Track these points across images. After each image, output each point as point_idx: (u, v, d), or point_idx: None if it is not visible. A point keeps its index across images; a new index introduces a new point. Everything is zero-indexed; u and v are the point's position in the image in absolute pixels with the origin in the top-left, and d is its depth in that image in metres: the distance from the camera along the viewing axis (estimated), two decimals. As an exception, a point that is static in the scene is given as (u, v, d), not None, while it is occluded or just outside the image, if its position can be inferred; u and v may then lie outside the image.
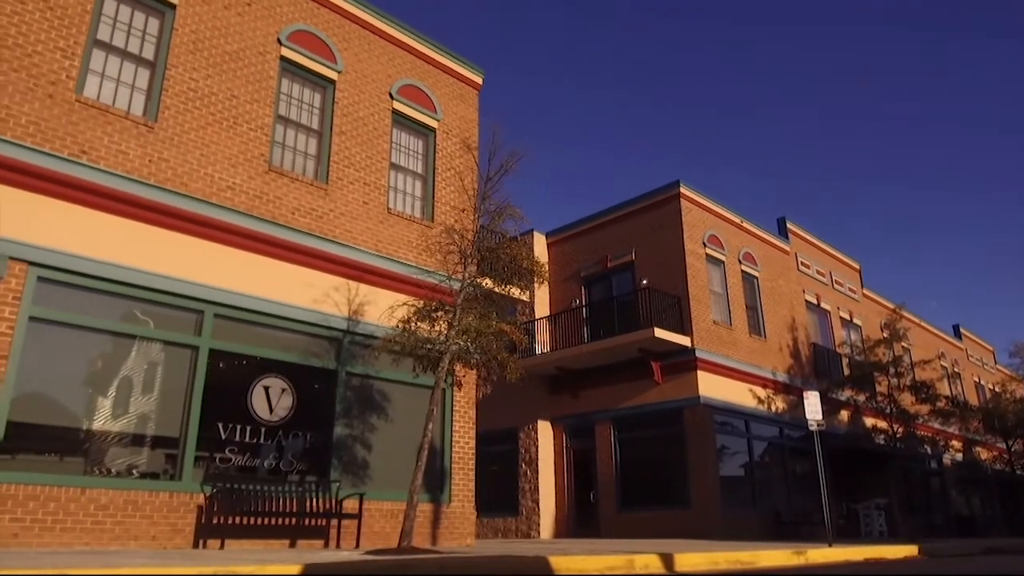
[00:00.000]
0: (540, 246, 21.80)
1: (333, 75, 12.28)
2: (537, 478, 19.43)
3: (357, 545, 10.09)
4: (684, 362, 17.94)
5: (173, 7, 10.51)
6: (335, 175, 11.81)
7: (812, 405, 13.00)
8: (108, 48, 9.86)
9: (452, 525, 11.70)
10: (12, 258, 8.26)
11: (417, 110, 13.43)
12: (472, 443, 12.50)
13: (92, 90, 9.56)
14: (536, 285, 11.94)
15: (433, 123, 13.65)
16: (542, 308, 21.08)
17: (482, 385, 19.24)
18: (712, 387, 18.03)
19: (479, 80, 14.83)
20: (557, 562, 7.14)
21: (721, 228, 20.56)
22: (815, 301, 23.98)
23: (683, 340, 17.75)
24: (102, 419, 8.95)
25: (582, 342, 19.12)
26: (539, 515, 19.11)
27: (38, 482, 8.09)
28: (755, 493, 18.75)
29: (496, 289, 10.65)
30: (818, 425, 12.90)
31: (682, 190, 19.47)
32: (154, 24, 10.39)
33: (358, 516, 10.19)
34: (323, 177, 11.72)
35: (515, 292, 11.57)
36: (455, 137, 13.84)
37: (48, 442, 8.58)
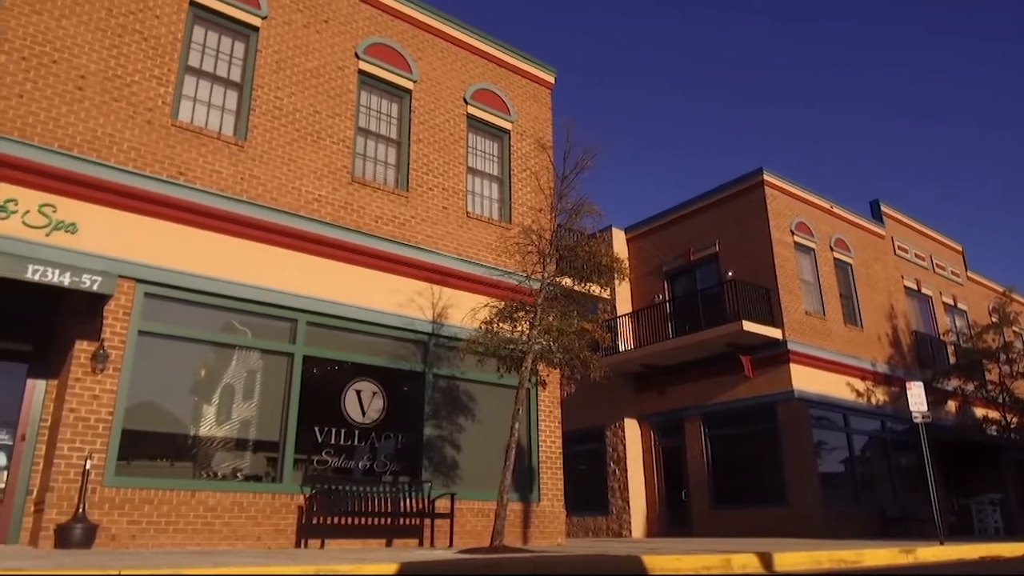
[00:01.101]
0: (619, 242, 21.58)
1: (409, 84, 12.54)
2: (626, 476, 19.23)
3: (450, 544, 10.27)
4: (776, 355, 17.36)
5: (256, 29, 10.99)
6: (415, 182, 12.07)
7: (916, 396, 12.34)
8: (199, 73, 10.41)
9: (542, 524, 11.74)
10: (121, 276, 8.83)
11: (491, 113, 13.55)
12: (559, 442, 12.50)
13: (186, 114, 10.12)
14: (616, 282, 11.83)
15: (507, 125, 13.74)
16: (624, 305, 20.85)
17: (566, 384, 19.24)
18: (807, 380, 17.37)
19: (551, 79, 14.82)
20: (651, 561, 7.04)
21: (810, 215, 19.79)
22: (915, 287, 22.74)
23: (773, 333, 17.18)
24: (207, 425, 9.46)
25: (667, 338, 18.79)
26: (630, 514, 18.91)
27: (152, 486, 8.62)
28: (857, 490, 17.94)
29: (576, 287, 10.61)
30: (923, 417, 12.24)
31: (766, 177, 18.86)
32: (240, 47, 10.89)
33: (450, 515, 10.36)
34: (403, 185, 12.00)
35: (595, 290, 11.49)
36: (529, 137, 13.88)
37: (159, 448, 9.13)
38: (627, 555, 7.46)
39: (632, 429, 19.84)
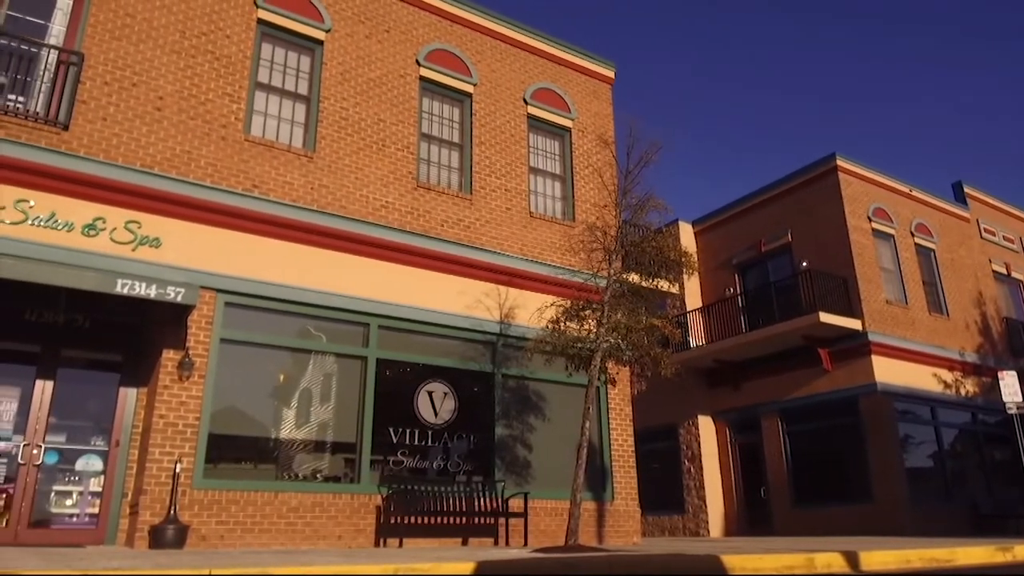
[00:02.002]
0: (687, 236, 21.21)
1: (469, 88, 12.66)
2: (702, 475, 18.88)
3: (525, 543, 10.30)
4: (856, 347, 16.72)
5: (321, 43, 11.30)
6: (478, 185, 12.17)
7: (1009, 386, 11.71)
8: (268, 88, 10.78)
9: (617, 523, 11.65)
10: (203, 287, 9.22)
11: (551, 112, 13.54)
12: (631, 440, 12.38)
13: (258, 129, 10.49)
14: (685, 276, 11.61)
15: (568, 123, 13.70)
16: (693, 300, 20.47)
17: (637, 382, 19.01)
18: (889, 372, 16.66)
19: (611, 74, 14.70)
20: (730, 561, 6.89)
21: (887, 199, 18.98)
22: (1004, 271, 21.51)
23: (852, 324, 16.56)
24: (287, 428, 9.79)
25: (740, 332, 18.34)
26: (707, 513, 18.55)
27: (237, 488, 8.96)
28: (947, 485, 17.09)
29: (643, 284, 10.48)
30: (1018, 408, 11.59)
31: (839, 163, 18.20)
32: (305, 61, 11.22)
33: (524, 515, 10.40)
34: (467, 188, 12.12)
35: (663, 285, 11.34)
36: (591, 134, 13.80)
37: (243, 451, 9.49)
38: (705, 554, 7.33)
39: (706, 426, 19.46)
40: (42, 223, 8.49)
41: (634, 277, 10.45)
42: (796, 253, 18.61)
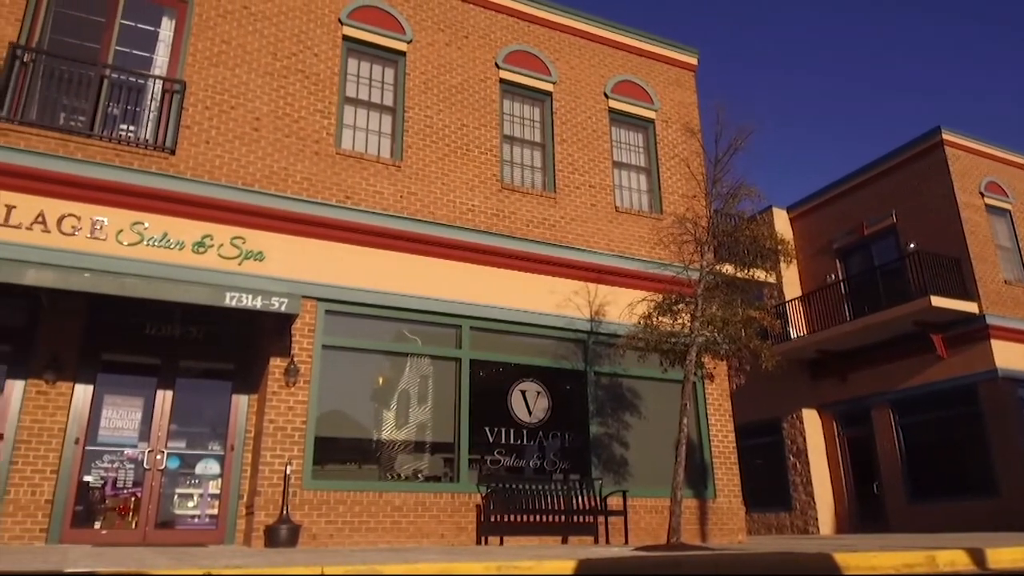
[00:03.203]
0: (782, 222, 20.43)
1: (549, 87, 12.67)
2: (808, 470, 18.14)
3: (626, 542, 10.21)
4: (972, 331, 15.66)
5: (403, 54, 11.59)
6: (561, 183, 12.16)
7: None
8: (356, 102, 11.14)
9: (720, 521, 11.36)
10: (304, 296, 9.63)
11: (633, 104, 13.36)
12: (731, 436, 12.05)
13: (348, 142, 10.86)
14: (783, 265, 11.21)
15: (651, 114, 13.48)
16: (792, 288, 19.70)
17: (735, 376, 18.52)
18: (1012, 357, 15.49)
19: (694, 61, 14.36)
20: (844, 559, 6.59)
21: (1001, 172, 17.67)
22: None
23: (968, 307, 15.51)
24: (388, 430, 10.09)
25: (844, 321, 17.51)
26: (815, 509, 17.81)
27: (344, 488, 9.31)
28: (1087, 478, 15.72)
29: (738, 274, 10.18)
30: None
31: (945, 136, 17.09)
32: (389, 73, 11.53)
33: (623, 513, 10.30)
34: (551, 187, 12.12)
35: (760, 275, 10.94)
36: (675, 124, 13.53)
37: (347, 453, 9.84)
38: (817, 552, 7.04)
39: (811, 419, 18.69)
40: (156, 243, 9.09)
41: (728, 268, 10.16)
42: (902, 234, 17.61)
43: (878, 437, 17.29)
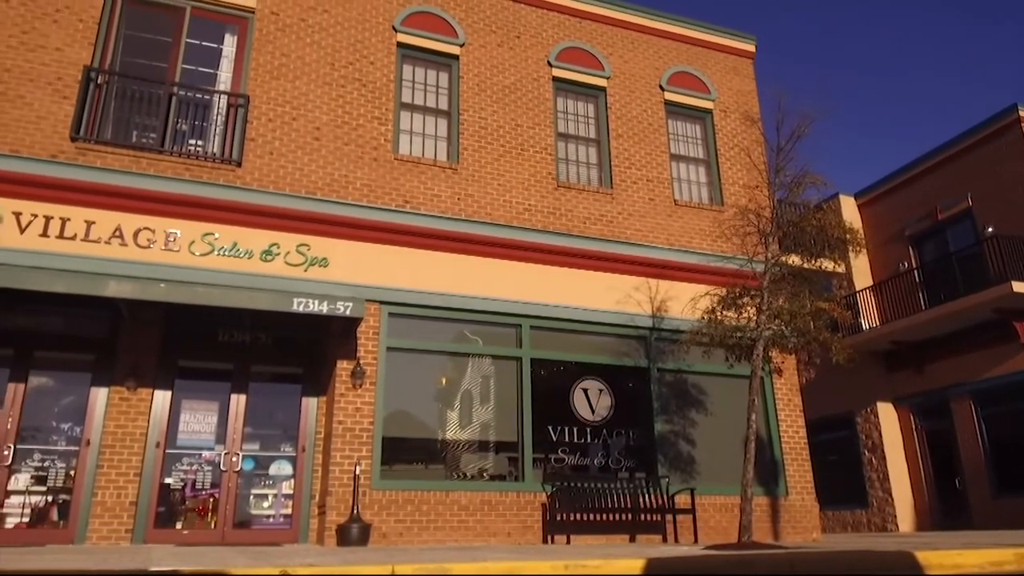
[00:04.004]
0: (849, 210, 19.74)
1: (602, 82, 12.57)
2: (885, 465, 17.48)
3: (695, 540, 10.05)
4: (1059, 317, 14.80)
5: (456, 58, 11.68)
6: (618, 178, 12.05)
7: None
8: (411, 108, 11.29)
9: (793, 519, 11.07)
10: (368, 300, 9.82)
11: (689, 95, 13.14)
12: (802, 431, 11.72)
13: (405, 147, 11.02)
14: (852, 254, 10.84)
15: (708, 104, 13.23)
16: (862, 278, 19.03)
17: (805, 370, 17.99)
18: (1105, 344, 14.60)
19: (751, 48, 14.04)
20: (926, 557, 6.32)
21: (1088, 148, 16.64)
22: None
23: (1053, 291, 14.67)
24: (452, 429, 10.19)
25: (918, 310, 16.80)
26: (893, 506, 17.15)
27: (411, 488, 9.45)
28: None
29: (805, 265, 9.90)
30: None
31: (1022, 113, 16.22)
32: (444, 77, 11.65)
33: (691, 511, 10.14)
34: (607, 183, 12.03)
35: (828, 265, 10.63)
36: (734, 113, 13.24)
37: (414, 453, 9.99)
38: (897, 551, 6.78)
39: (887, 413, 18.01)
40: (226, 253, 9.41)
41: (794, 259, 9.89)
42: (979, 218, 16.80)
43: (959, 430, 16.53)
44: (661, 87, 12.98)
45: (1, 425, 8.88)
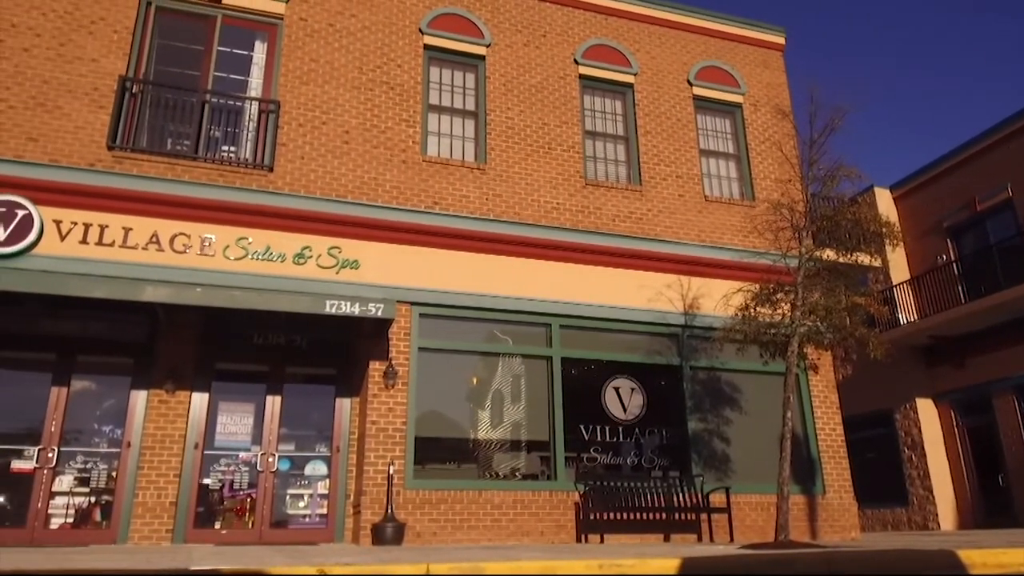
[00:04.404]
0: (885, 202, 19.34)
1: (630, 79, 12.50)
2: (926, 463, 17.11)
3: (731, 539, 9.94)
4: (1108, 309, 14.36)
5: (483, 58, 11.71)
6: (647, 175, 11.97)
7: None
8: (439, 109, 11.34)
9: (831, 517, 10.89)
10: (399, 301, 9.88)
11: (718, 89, 13.00)
12: (839, 429, 11.53)
13: (433, 148, 11.07)
14: (888, 247, 10.60)
15: (737, 98, 13.08)
16: (899, 272, 18.64)
17: (841, 366, 17.69)
18: None
19: (781, 40, 13.84)
20: (969, 556, 6.17)
21: None
22: None
23: (1101, 282, 14.23)
24: (484, 429, 10.22)
25: (958, 303, 16.41)
26: (935, 504, 16.78)
27: (445, 487, 9.49)
28: None
29: (840, 260, 9.71)
30: None
31: (1067, 100, 15.74)
32: (470, 78, 11.68)
33: (727, 510, 10.03)
34: (636, 180, 11.96)
35: (863, 259, 10.39)
36: (764, 107, 13.07)
37: (446, 452, 10.03)
38: (938, 549, 6.63)
39: (927, 409, 17.63)
40: (259, 256, 9.55)
41: (829, 254, 9.72)
42: (1019, 208, 16.34)
43: (1002, 426, 16.11)
44: (689, 82, 12.86)
45: (46, 428, 9.12)
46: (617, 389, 10.80)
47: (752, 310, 9.38)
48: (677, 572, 5.77)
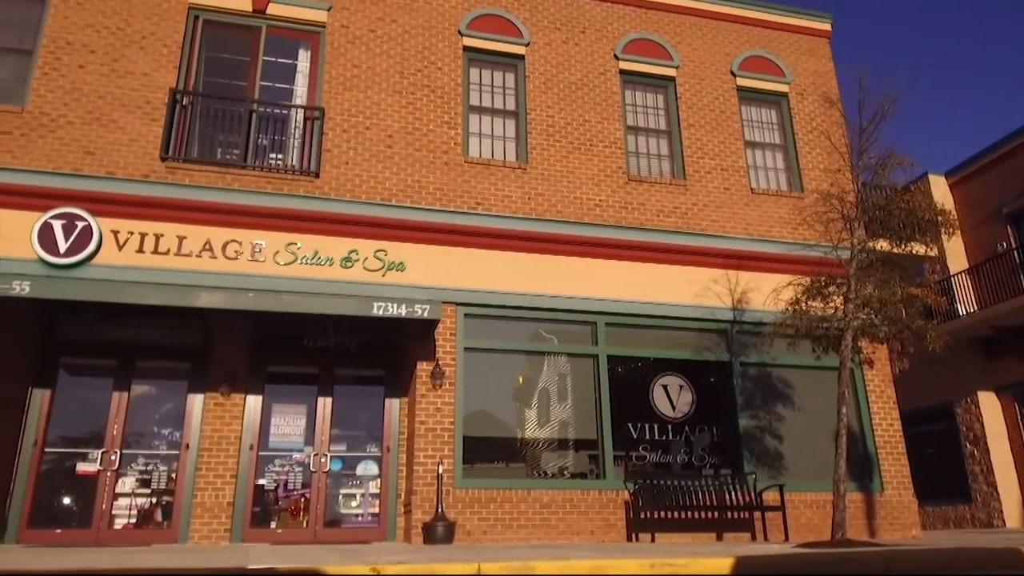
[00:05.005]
0: (940, 190, 18.70)
1: (671, 72, 12.34)
2: (989, 458, 16.49)
3: (786, 538, 9.74)
4: None
5: (522, 57, 11.70)
6: (691, 169, 11.81)
7: None
8: (479, 110, 11.38)
9: (890, 515, 10.59)
10: (444, 302, 9.95)
11: (763, 79, 12.75)
12: (897, 424, 11.20)
13: (475, 149, 11.12)
14: (945, 236, 10.25)
15: (783, 88, 12.80)
16: (957, 261, 18.00)
17: (898, 360, 17.17)
18: None
19: (827, 27, 13.50)
20: (1039, 556, 5.94)
21: None
22: None
23: None
24: (531, 428, 10.22)
25: (1019, 292, 15.77)
26: (999, 501, 16.16)
27: (494, 486, 9.52)
28: None
29: (894, 250, 9.43)
30: None
31: None
32: (510, 77, 11.69)
33: (781, 508, 9.84)
34: (679, 174, 11.81)
35: (919, 249, 10.07)
36: (811, 95, 12.77)
37: (494, 452, 10.07)
38: (1003, 547, 6.39)
39: (989, 403, 16.99)
40: (308, 261, 9.73)
41: (882, 244, 9.45)
42: (1087, 192, 15.62)
43: (1072, 420, 15.44)
44: (733, 73, 12.64)
45: (108, 432, 9.45)
46: (665, 387, 10.69)
47: (803, 304, 9.18)
48: (731, 571, 5.69)
